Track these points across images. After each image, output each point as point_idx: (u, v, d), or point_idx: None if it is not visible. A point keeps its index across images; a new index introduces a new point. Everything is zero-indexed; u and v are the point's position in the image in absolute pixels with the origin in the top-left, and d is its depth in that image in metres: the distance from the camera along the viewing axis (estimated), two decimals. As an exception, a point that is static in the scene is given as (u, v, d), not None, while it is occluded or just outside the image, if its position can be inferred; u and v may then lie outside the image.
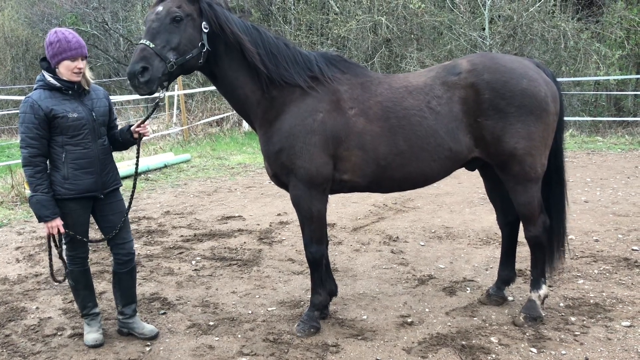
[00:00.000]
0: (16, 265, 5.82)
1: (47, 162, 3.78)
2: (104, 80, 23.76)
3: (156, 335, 4.13)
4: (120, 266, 4.07)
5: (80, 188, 3.80)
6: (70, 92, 3.77)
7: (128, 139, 4.04)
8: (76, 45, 3.67)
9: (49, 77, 3.73)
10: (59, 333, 4.28)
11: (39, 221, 3.76)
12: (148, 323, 4.35)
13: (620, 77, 15.65)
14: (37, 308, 4.74)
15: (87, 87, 3.85)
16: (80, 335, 4.20)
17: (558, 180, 4.28)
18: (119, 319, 4.19)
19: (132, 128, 4.00)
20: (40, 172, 3.69)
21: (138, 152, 4.20)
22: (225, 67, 3.92)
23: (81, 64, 3.71)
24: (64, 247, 3.95)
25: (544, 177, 4.11)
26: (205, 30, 3.74)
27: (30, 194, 3.73)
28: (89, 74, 3.84)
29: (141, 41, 3.61)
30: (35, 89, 3.75)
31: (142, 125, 3.98)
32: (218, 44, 3.84)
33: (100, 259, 5.92)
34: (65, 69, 3.69)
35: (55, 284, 4.60)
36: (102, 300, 4.85)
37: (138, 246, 6.32)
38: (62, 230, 3.77)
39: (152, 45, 3.56)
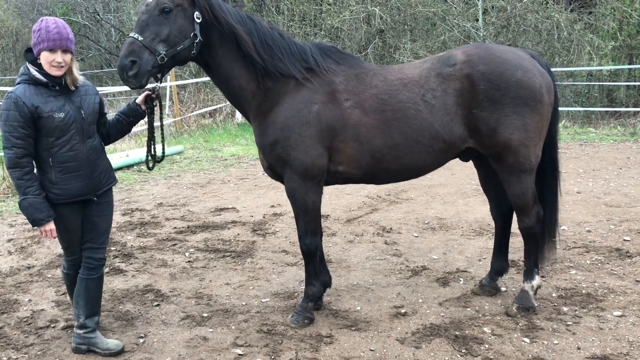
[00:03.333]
0: (8, 258, 5.78)
1: (34, 162, 3.52)
2: (96, 71, 23.59)
3: (122, 349, 3.79)
4: (90, 272, 3.75)
5: (69, 193, 3.55)
6: (57, 87, 3.49)
7: (138, 113, 3.88)
8: (55, 37, 3.35)
9: (33, 71, 3.44)
10: (52, 325, 4.26)
11: (33, 225, 3.53)
12: (142, 316, 4.35)
13: (612, 68, 15.70)
14: (30, 300, 4.72)
15: (72, 87, 3.56)
16: (73, 327, 4.18)
17: (552, 171, 4.29)
18: (79, 333, 3.79)
19: (138, 101, 3.88)
20: (28, 173, 3.42)
21: (160, 108, 4.08)
22: (220, 58, 3.89)
23: (60, 57, 3.38)
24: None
25: (538, 168, 4.12)
26: (198, 21, 3.70)
27: (21, 198, 3.45)
28: (77, 73, 3.56)
29: (130, 34, 3.57)
30: (19, 83, 3.45)
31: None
32: (212, 34, 3.80)
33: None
34: (44, 61, 3.40)
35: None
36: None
37: (131, 238, 6.30)
38: (54, 235, 3.56)
39: (140, 39, 3.52)
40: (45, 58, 3.39)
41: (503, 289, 4.63)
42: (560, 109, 14.83)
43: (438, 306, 4.38)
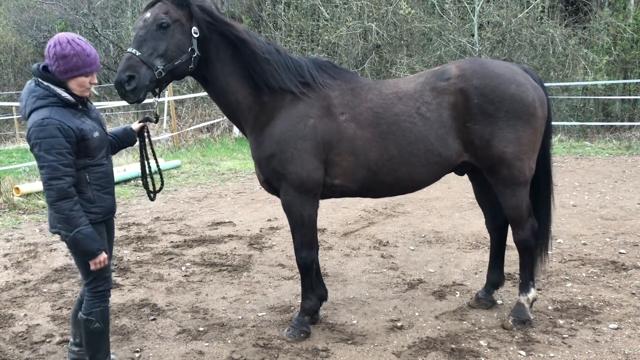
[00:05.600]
0: (4, 272, 5.77)
1: None
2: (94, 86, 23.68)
3: None
4: (97, 300, 3.50)
5: (105, 210, 3.39)
6: (82, 107, 3.30)
7: (133, 140, 3.78)
8: (94, 60, 3.20)
9: (62, 93, 3.17)
10: (47, 340, 4.25)
11: (90, 258, 3.23)
12: (138, 330, 4.34)
13: (607, 82, 15.82)
14: (25, 315, 4.71)
15: (90, 101, 3.43)
16: (69, 342, 4.17)
17: (546, 183, 4.32)
18: (75, 350, 3.70)
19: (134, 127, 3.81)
20: (77, 202, 3.17)
21: (150, 144, 3.91)
22: (217, 72, 3.92)
23: (95, 79, 3.28)
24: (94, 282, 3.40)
25: (533, 181, 4.14)
26: (195, 36, 3.73)
27: (74, 231, 3.14)
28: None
29: (128, 49, 3.60)
30: (44, 107, 3.12)
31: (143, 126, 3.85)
32: (209, 48, 3.83)
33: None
34: (78, 85, 3.20)
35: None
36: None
37: (127, 252, 6.29)
38: (106, 262, 3.32)
39: (138, 54, 3.54)
40: (80, 83, 3.21)
41: (499, 302, 4.63)
42: (556, 123, 15.04)
43: (434, 319, 4.38)
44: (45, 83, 3.17)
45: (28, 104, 3.17)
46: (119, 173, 10.27)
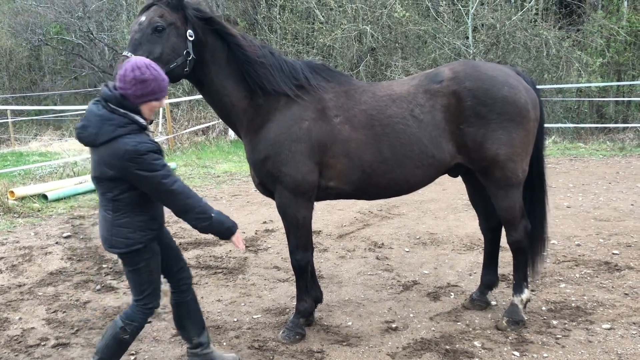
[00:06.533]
0: (-1, 276, 5.76)
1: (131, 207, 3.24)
2: (89, 89, 23.68)
3: None
4: (186, 293, 3.66)
5: (159, 223, 3.41)
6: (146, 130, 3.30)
7: None
8: (167, 84, 3.24)
9: (140, 119, 3.18)
10: (42, 343, 4.25)
11: (230, 235, 3.32)
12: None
13: (601, 84, 15.92)
14: (20, 319, 4.70)
15: None
16: (64, 345, 4.17)
17: (539, 185, 4.35)
18: (195, 352, 3.70)
19: None
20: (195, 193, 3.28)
21: None
22: (212, 75, 3.93)
23: (163, 102, 3.31)
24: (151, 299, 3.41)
25: (526, 183, 4.17)
26: (191, 39, 3.74)
27: (213, 215, 3.24)
28: None
29: (124, 53, 3.61)
30: (127, 135, 3.08)
31: None
32: (204, 51, 3.85)
33: (84, 268, 5.89)
34: (149, 109, 3.22)
35: None
36: (87, 310, 4.82)
37: (123, 255, 6.29)
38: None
39: (133, 57, 3.55)
40: (152, 106, 3.22)
41: (493, 302, 4.65)
42: (550, 124, 15.12)
43: (429, 320, 4.40)
44: (122, 110, 3.13)
45: (104, 132, 3.09)
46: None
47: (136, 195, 3.19)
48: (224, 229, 3.30)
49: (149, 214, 3.28)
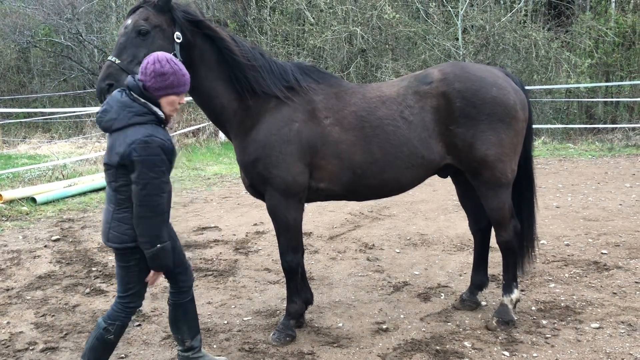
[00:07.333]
0: (-13, 280, 5.71)
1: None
2: (79, 92, 23.53)
3: None
4: (184, 295, 3.61)
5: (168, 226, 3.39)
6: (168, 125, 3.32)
7: None
8: (188, 80, 3.25)
9: (159, 111, 3.20)
10: (30, 347, 4.21)
11: (160, 270, 3.29)
12: (123, 336, 4.30)
13: (590, 85, 16.04)
14: (8, 323, 4.66)
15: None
16: (53, 349, 4.14)
17: (528, 185, 4.38)
18: (187, 355, 3.67)
19: None
20: (166, 220, 3.26)
21: None
22: (202, 77, 3.92)
23: (184, 98, 3.31)
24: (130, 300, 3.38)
25: (515, 183, 4.19)
26: (178, 41, 3.72)
27: (158, 246, 3.16)
28: None
29: (109, 57, 3.59)
30: (143, 124, 3.12)
31: None
32: (193, 54, 3.82)
33: (73, 271, 5.85)
34: (169, 104, 3.22)
35: None
36: (76, 314, 4.79)
37: (112, 258, 6.25)
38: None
39: (117, 61, 3.53)
40: (172, 101, 3.23)
41: (483, 303, 4.67)
42: (540, 125, 15.22)
43: (419, 321, 4.41)
44: (143, 100, 3.17)
45: (122, 118, 3.12)
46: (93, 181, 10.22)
47: None
48: (163, 265, 3.25)
49: None
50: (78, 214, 8.46)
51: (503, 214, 4.11)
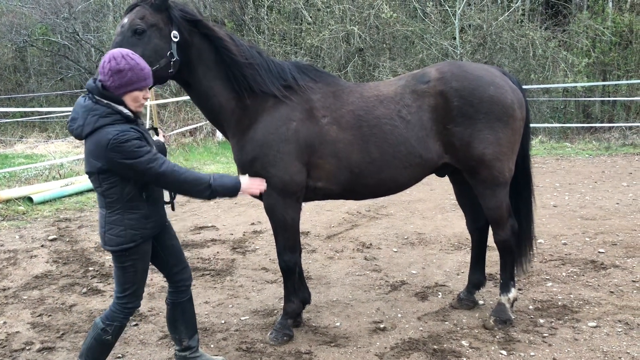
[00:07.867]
0: (-17, 280, 5.69)
1: (122, 204, 3.18)
2: (76, 91, 23.47)
3: None
4: (183, 294, 3.60)
5: (159, 223, 3.36)
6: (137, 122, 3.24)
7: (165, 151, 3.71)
8: (149, 74, 3.16)
9: (124, 110, 3.11)
10: (27, 347, 4.20)
11: (237, 192, 3.29)
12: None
13: (587, 84, 16.05)
14: (5, 323, 4.64)
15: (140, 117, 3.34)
16: (49, 349, 4.13)
17: (526, 184, 4.38)
18: (184, 355, 3.68)
19: None
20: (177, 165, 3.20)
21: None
22: (199, 76, 3.90)
23: (148, 93, 3.22)
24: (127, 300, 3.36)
25: (512, 182, 4.19)
26: (175, 40, 3.69)
27: (209, 181, 3.18)
28: None
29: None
30: (109, 125, 3.03)
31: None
32: (190, 52, 3.80)
33: (70, 271, 5.83)
34: (133, 100, 3.14)
35: None
36: (73, 313, 4.77)
37: (109, 258, 6.24)
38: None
39: None
40: (135, 97, 3.14)
41: (481, 302, 4.67)
42: (537, 124, 15.23)
43: (417, 320, 4.40)
44: (105, 101, 3.09)
45: (88, 123, 3.06)
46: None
47: (125, 191, 3.14)
48: (229, 190, 3.28)
49: (140, 212, 3.22)
50: (75, 214, 8.44)
51: (501, 213, 4.11)
